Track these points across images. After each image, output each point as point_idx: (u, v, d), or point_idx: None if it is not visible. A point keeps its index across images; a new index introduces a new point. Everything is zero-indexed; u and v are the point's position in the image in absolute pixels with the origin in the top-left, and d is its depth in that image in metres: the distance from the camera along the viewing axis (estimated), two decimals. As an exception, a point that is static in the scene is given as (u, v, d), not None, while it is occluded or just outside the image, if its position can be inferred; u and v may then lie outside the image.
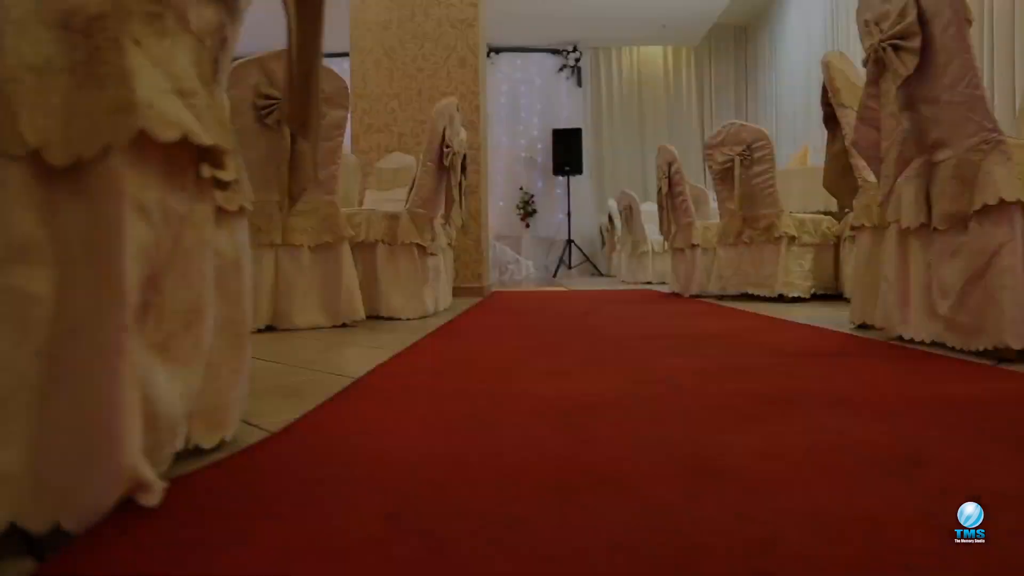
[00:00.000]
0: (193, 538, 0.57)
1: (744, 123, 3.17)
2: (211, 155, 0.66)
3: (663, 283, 4.97)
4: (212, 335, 0.78)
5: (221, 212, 0.81)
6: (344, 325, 2.31)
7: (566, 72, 7.81)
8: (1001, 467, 0.71)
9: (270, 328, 2.23)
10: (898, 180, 1.75)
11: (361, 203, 3.77)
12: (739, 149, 3.12)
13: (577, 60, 7.78)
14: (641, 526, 0.57)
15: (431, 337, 2.00)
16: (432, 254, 2.72)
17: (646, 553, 0.52)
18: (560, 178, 7.63)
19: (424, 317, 2.62)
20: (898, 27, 1.51)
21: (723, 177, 3.21)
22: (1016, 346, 1.33)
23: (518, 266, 6.74)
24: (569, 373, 1.32)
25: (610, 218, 6.26)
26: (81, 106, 0.58)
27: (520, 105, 7.81)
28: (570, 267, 7.44)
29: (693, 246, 3.55)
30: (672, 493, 0.65)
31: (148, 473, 0.59)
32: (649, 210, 5.16)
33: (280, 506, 0.65)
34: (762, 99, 7.65)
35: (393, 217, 2.60)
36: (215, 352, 0.82)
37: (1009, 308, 1.34)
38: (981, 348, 1.41)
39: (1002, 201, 1.35)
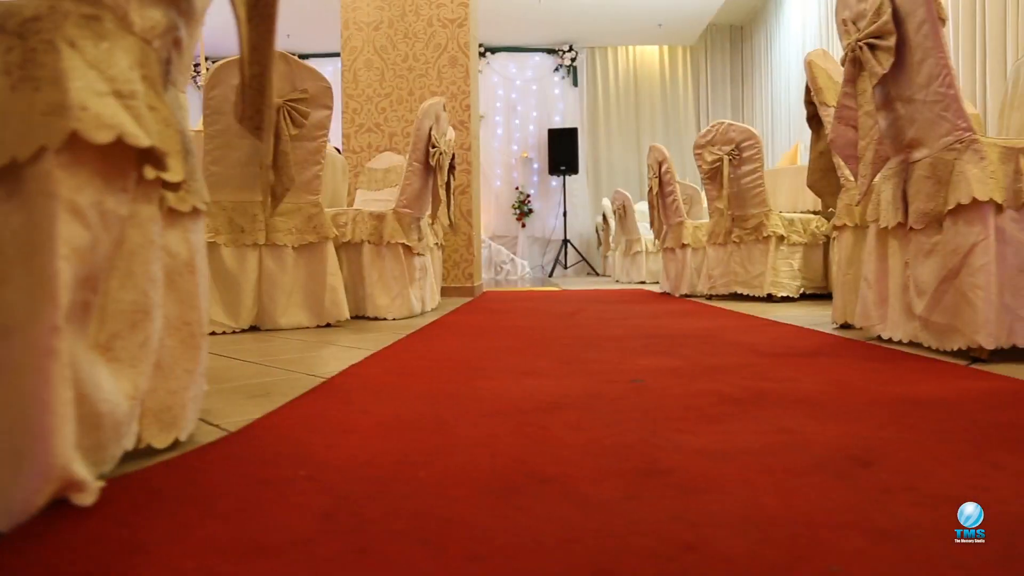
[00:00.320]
0: (124, 537, 0.57)
1: (732, 123, 3.16)
2: (152, 157, 0.66)
3: (657, 283, 4.97)
4: (161, 335, 0.78)
5: (173, 213, 0.82)
6: (328, 325, 2.31)
7: (562, 72, 7.81)
8: (948, 468, 0.71)
9: (254, 328, 2.23)
10: (877, 179, 1.75)
11: (352, 203, 3.78)
12: (728, 149, 3.12)
13: (573, 60, 7.78)
14: (573, 526, 0.57)
15: (412, 337, 2.00)
16: (419, 254, 2.72)
17: (569, 553, 0.52)
18: (556, 178, 7.63)
19: (410, 317, 2.62)
20: (873, 26, 1.51)
21: (712, 177, 3.20)
22: (988, 346, 1.33)
23: (513, 266, 6.74)
24: (540, 373, 1.32)
25: (604, 218, 6.26)
26: (16, 108, 0.59)
27: (516, 105, 7.81)
28: (566, 267, 7.44)
29: (683, 246, 3.55)
30: (613, 493, 0.65)
31: (81, 472, 0.59)
32: (643, 210, 5.15)
33: (221, 505, 0.65)
34: (758, 98, 7.64)
35: (379, 217, 2.60)
36: (168, 352, 0.82)
37: (982, 308, 1.34)
38: (955, 348, 1.41)
39: (975, 200, 1.35)
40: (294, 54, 8.81)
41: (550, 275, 7.34)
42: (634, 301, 3.38)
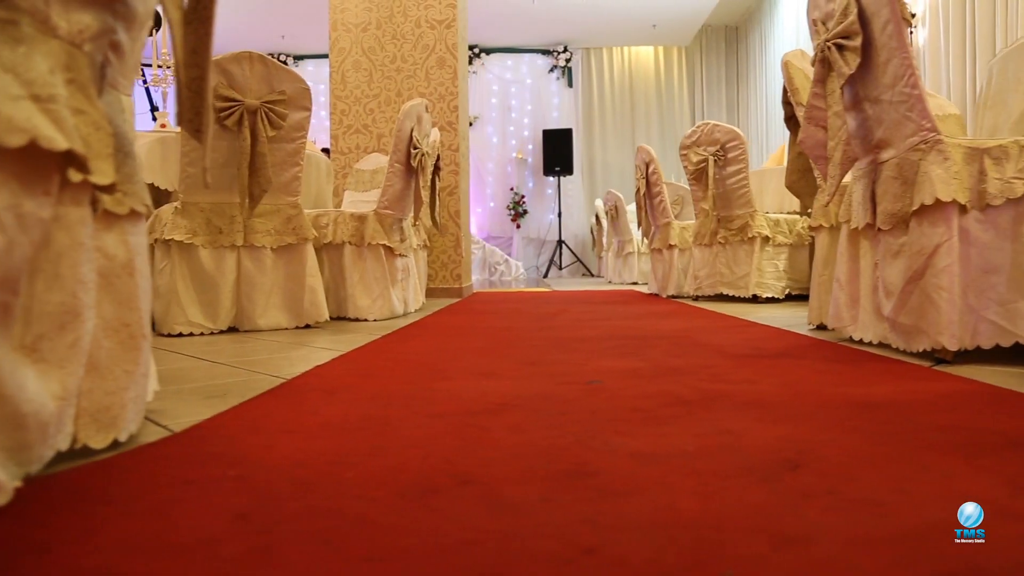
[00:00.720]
0: (33, 537, 0.57)
1: (717, 123, 3.16)
2: (74, 160, 0.66)
3: (648, 283, 4.97)
4: (96, 336, 0.78)
5: (109, 216, 0.82)
6: (308, 326, 2.31)
7: (557, 72, 7.81)
8: (876, 471, 0.71)
9: (233, 329, 2.24)
10: (851, 180, 1.75)
11: (340, 204, 3.78)
12: (713, 149, 3.11)
13: (568, 60, 7.78)
14: (480, 528, 0.57)
15: (387, 338, 2.01)
16: (401, 255, 2.73)
17: (466, 556, 0.52)
18: (551, 179, 7.63)
19: (392, 318, 2.62)
20: (840, 26, 1.51)
21: (697, 177, 3.20)
22: (952, 347, 1.32)
23: (507, 267, 6.75)
24: (500, 374, 1.32)
25: (597, 218, 6.25)
26: (-71, 111, 0.59)
27: (511, 106, 7.82)
28: (561, 268, 7.44)
29: (670, 247, 3.54)
30: (530, 495, 0.65)
31: (-7, 474, 0.59)
32: (635, 210, 5.16)
33: (139, 505, 0.65)
34: (753, 99, 7.63)
35: (360, 218, 2.61)
36: (106, 353, 0.82)
37: (946, 309, 1.33)
38: (921, 349, 1.40)
39: (938, 201, 1.35)
40: (289, 55, 8.84)
41: (545, 276, 7.34)
42: (619, 302, 3.37)
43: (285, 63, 7.91)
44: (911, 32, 4.60)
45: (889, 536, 0.54)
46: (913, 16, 4.56)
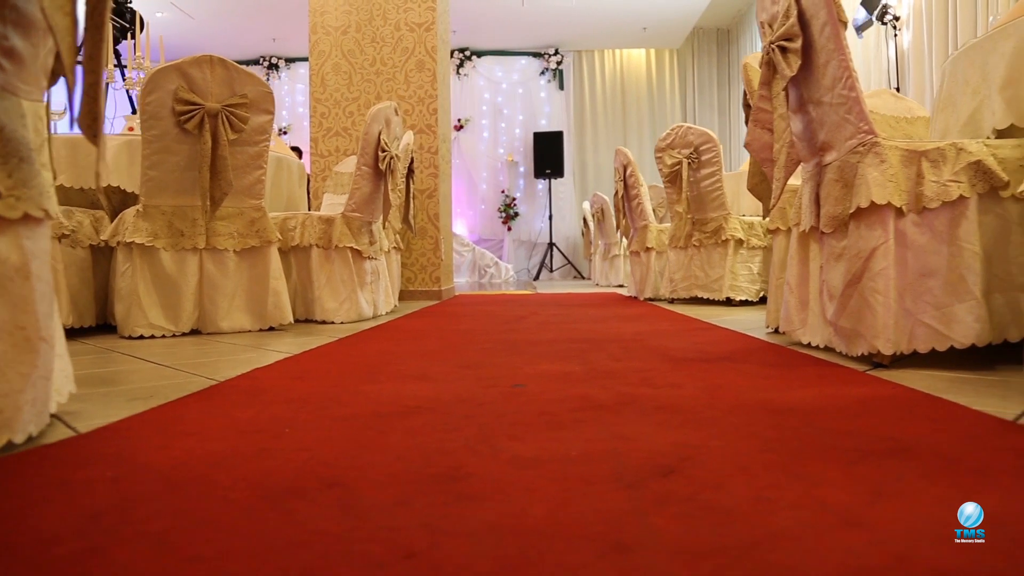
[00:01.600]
0: None
1: (691, 126, 3.15)
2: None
3: (633, 286, 4.96)
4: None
5: (2, 220, 0.82)
6: (272, 329, 2.32)
7: (548, 75, 7.81)
8: (748, 478, 0.71)
9: (195, 332, 2.24)
10: (800, 182, 1.74)
11: (319, 206, 3.79)
12: (687, 152, 3.11)
13: (559, 63, 7.78)
14: (322, 530, 0.57)
15: (344, 341, 2.01)
16: (370, 258, 2.73)
17: (288, 557, 0.52)
18: (542, 181, 7.63)
19: (360, 321, 2.63)
20: (782, 28, 1.51)
21: (672, 180, 3.20)
22: (887, 351, 1.31)
23: (497, 269, 6.74)
24: (431, 377, 1.32)
25: (585, 221, 6.25)
26: None
27: (502, 108, 7.83)
28: (552, 270, 7.43)
29: (648, 249, 3.54)
30: (387, 499, 0.65)
31: None
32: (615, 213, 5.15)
33: (3, 506, 0.65)
34: (746, 101, 7.61)
35: (328, 221, 2.61)
36: (-1, 356, 0.83)
37: (881, 313, 1.32)
38: (859, 353, 1.40)
39: (873, 204, 1.34)
40: (280, 58, 8.84)
41: (536, 278, 7.33)
42: (595, 305, 3.37)
43: (276, 66, 7.96)
44: (896, 35, 4.59)
45: (719, 546, 0.53)
46: (897, 19, 4.55)
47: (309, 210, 3.59)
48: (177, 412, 1.05)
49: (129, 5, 3.70)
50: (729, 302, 3.07)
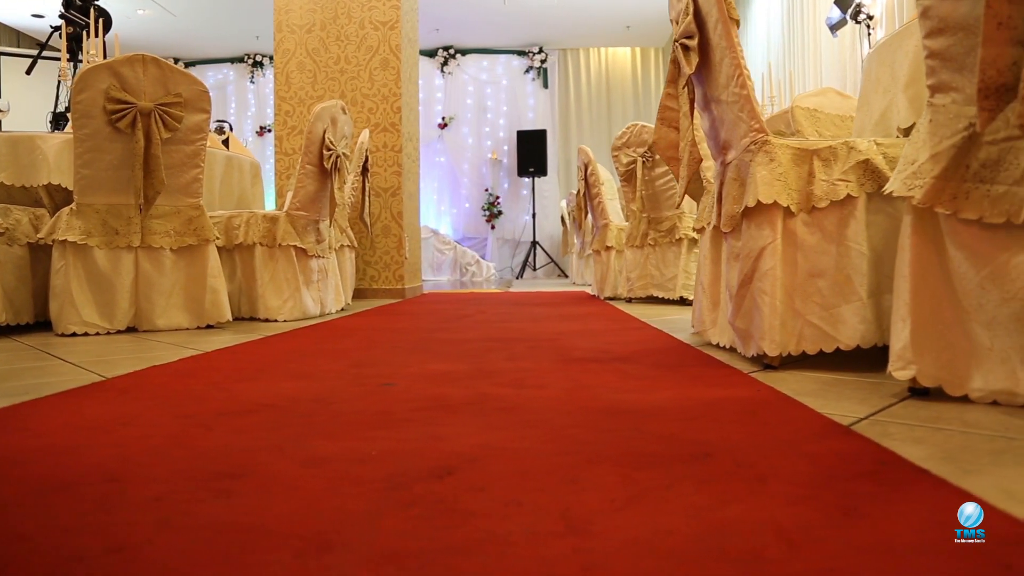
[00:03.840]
0: None
1: (646, 124, 3.14)
2: None
3: (607, 285, 4.94)
4: None
5: None
6: (210, 327, 2.33)
7: (532, 73, 7.80)
8: (522, 482, 0.70)
9: (131, 330, 2.26)
10: (710, 182, 1.73)
11: (283, 204, 3.80)
12: (642, 151, 3.09)
13: (543, 61, 7.77)
14: (52, 526, 0.57)
15: (269, 339, 2.01)
16: (317, 256, 2.73)
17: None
18: (526, 180, 7.62)
19: (305, 319, 2.63)
20: (683, 26, 1.50)
21: (628, 179, 3.18)
22: (772, 353, 1.30)
23: (479, 267, 6.74)
24: (313, 375, 1.32)
25: (563, 219, 6.24)
26: None
27: (486, 107, 7.82)
28: (535, 268, 7.42)
29: (608, 248, 3.53)
30: (149, 495, 0.65)
31: None
32: (576, 211, 5.14)
33: None
34: (732, 99, 7.56)
35: (272, 219, 2.62)
36: None
37: (767, 314, 1.31)
38: (752, 354, 1.39)
39: (760, 203, 1.33)
40: (264, 55, 8.84)
41: (519, 277, 7.33)
42: (550, 304, 3.36)
43: (260, 64, 7.98)
44: (870, 34, 4.55)
45: (420, 550, 0.53)
46: (871, 18, 4.51)
47: (271, 208, 3.59)
48: (30, 410, 1.05)
49: (97, 3, 3.71)
50: (683, 301, 3.05)
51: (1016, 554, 0.50)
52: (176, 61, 8.20)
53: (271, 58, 7.78)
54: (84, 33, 3.06)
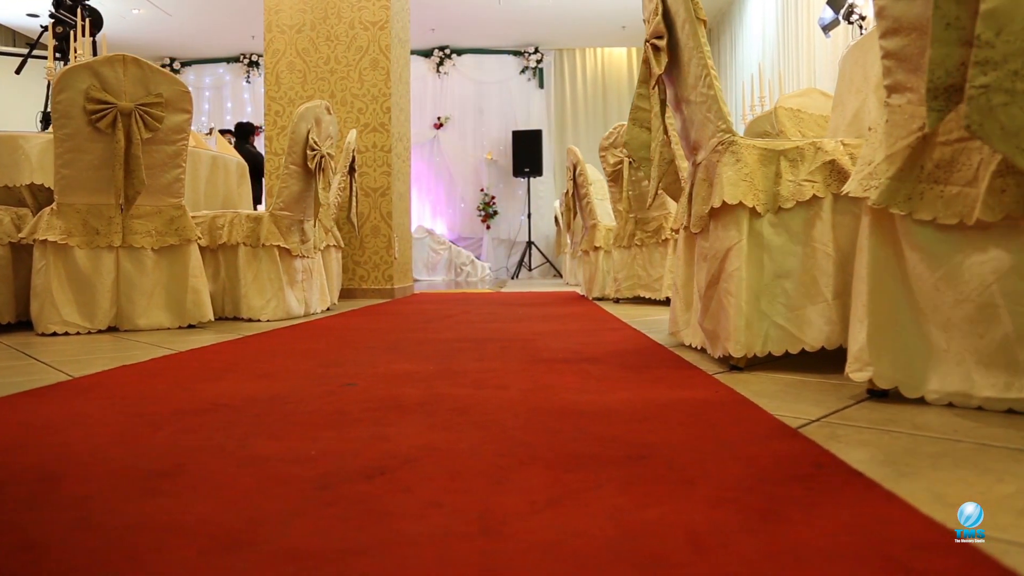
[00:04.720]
0: None
1: (633, 124, 3.13)
2: None
3: (599, 285, 4.93)
4: None
5: None
6: (192, 326, 2.33)
7: (528, 73, 7.80)
8: (451, 483, 0.70)
9: (112, 329, 2.26)
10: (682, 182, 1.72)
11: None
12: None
13: (539, 61, 7.76)
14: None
15: (248, 339, 2.01)
16: (302, 256, 2.74)
17: None
18: (521, 180, 7.62)
19: (288, 319, 2.63)
20: (652, 26, 1.49)
21: (615, 179, 3.18)
22: (736, 354, 1.30)
23: (474, 268, 6.74)
24: (277, 375, 1.32)
25: (557, 219, 6.23)
26: None
27: (482, 107, 7.82)
28: (531, 269, 7.42)
29: (596, 248, 3.52)
30: (81, 493, 0.65)
31: None
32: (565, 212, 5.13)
33: None
34: (725, 99, 7.56)
35: (256, 219, 2.62)
36: None
37: (732, 315, 1.31)
38: (719, 355, 1.38)
39: (726, 204, 1.33)
40: (260, 55, 8.87)
41: (514, 277, 7.33)
42: (536, 304, 3.36)
43: (256, 63, 7.99)
44: (863, 34, 4.54)
45: (328, 550, 0.53)
46: (864, 18, 4.50)
47: (259, 208, 3.60)
48: (-14, 409, 1.06)
49: (86, 3, 3.72)
50: (669, 302, 3.05)
51: (920, 559, 0.50)
52: (171, 61, 8.22)
53: (267, 58, 7.78)
54: (72, 33, 3.07)
